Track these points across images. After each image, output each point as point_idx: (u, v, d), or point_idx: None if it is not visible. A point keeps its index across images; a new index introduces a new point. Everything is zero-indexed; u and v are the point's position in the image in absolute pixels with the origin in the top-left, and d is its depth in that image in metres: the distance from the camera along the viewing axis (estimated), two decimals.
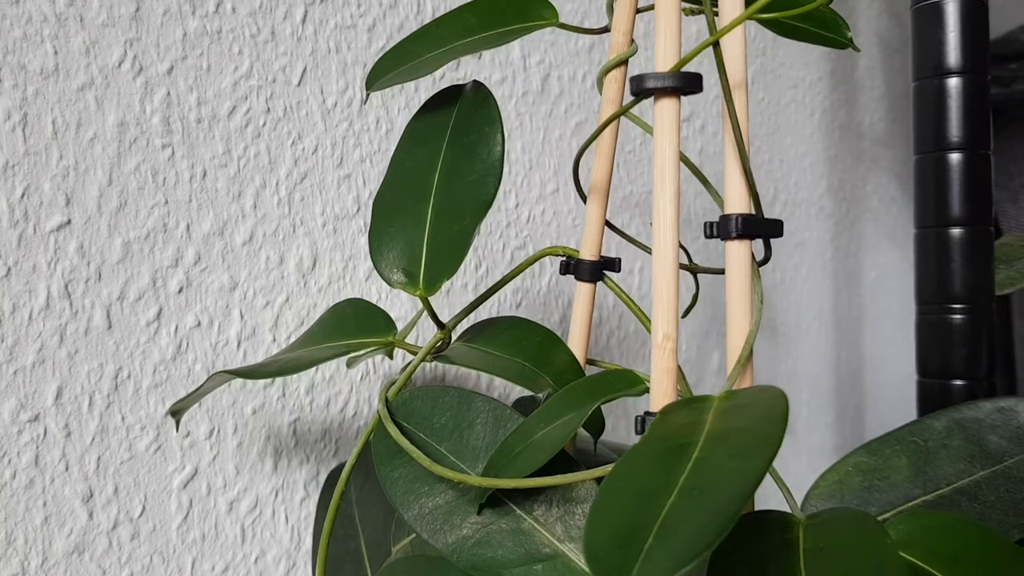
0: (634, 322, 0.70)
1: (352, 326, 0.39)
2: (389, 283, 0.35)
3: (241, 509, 0.47)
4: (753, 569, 0.28)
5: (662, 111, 0.31)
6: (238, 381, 0.47)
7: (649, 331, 0.32)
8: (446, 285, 0.57)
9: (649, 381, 0.31)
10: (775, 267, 0.88)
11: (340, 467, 0.48)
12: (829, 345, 0.96)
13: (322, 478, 0.50)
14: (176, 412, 0.39)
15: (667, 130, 0.31)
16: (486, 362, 0.37)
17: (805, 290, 0.92)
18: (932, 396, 0.47)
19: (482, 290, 0.58)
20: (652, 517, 0.23)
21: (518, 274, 0.38)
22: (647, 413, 0.31)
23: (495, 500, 0.32)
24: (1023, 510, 0.40)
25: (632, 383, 0.30)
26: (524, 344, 0.38)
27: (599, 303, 0.68)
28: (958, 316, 0.45)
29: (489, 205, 0.34)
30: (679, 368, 0.30)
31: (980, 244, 0.45)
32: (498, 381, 0.58)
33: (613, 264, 0.38)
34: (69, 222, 0.41)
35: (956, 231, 0.45)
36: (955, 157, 0.46)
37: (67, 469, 0.41)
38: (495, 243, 0.60)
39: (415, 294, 0.34)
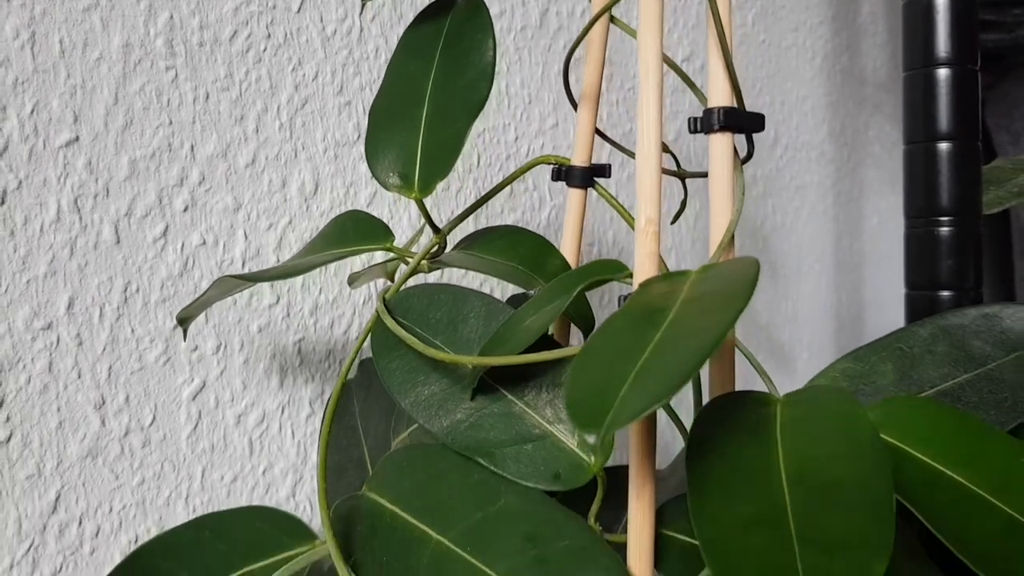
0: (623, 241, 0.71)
1: (352, 235, 0.40)
2: (385, 186, 0.36)
3: (249, 423, 0.48)
4: (730, 439, 0.30)
5: (646, 6, 0.31)
6: (243, 298, 0.48)
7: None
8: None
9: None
10: (775, 209, 0.89)
11: (347, 384, 0.50)
12: (830, 289, 0.97)
13: (327, 396, 0.52)
14: (183, 320, 0.40)
15: (650, 27, 0.31)
16: (481, 265, 0.39)
17: (806, 233, 0.93)
18: (919, 308, 0.48)
19: (483, 225, 0.59)
20: (627, 370, 0.24)
21: (512, 181, 0.39)
22: (629, 294, 0.32)
23: (487, 386, 0.34)
24: (1005, 410, 0.41)
25: (617, 269, 0.32)
26: (519, 250, 0.39)
27: (590, 231, 0.69)
28: (945, 229, 0.46)
29: (481, 107, 0.35)
30: (661, 257, 0.32)
31: (967, 158, 0.46)
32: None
33: (603, 170, 0.39)
34: (77, 139, 0.42)
35: (943, 145, 0.46)
36: (942, 73, 0.47)
37: (80, 377, 0.42)
38: (495, 176, 0.61)
39: (411, 196, 0.36)
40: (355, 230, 0.41)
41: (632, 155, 0.35)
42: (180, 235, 0.46)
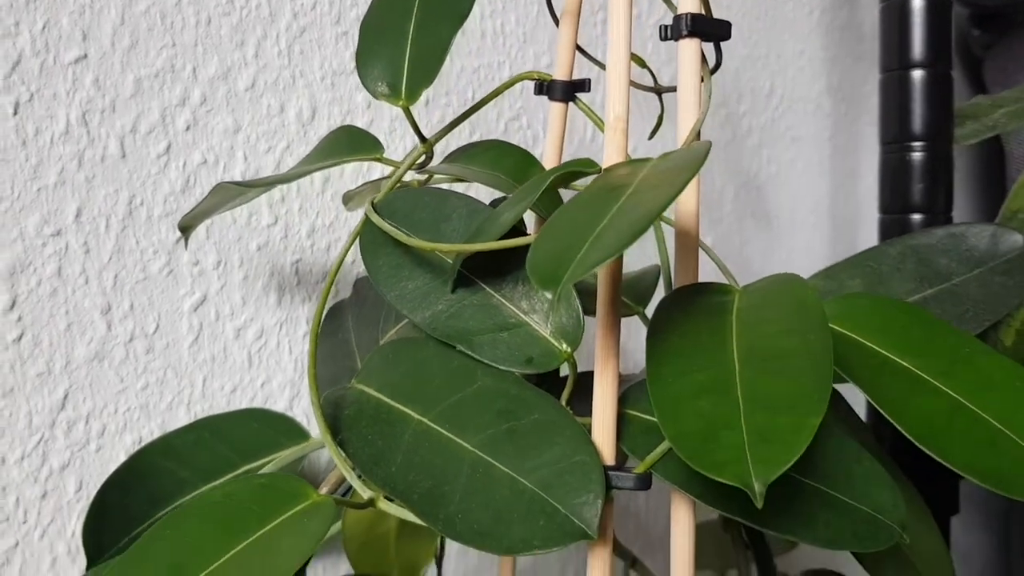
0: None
1: (345, 147, 0.42)
2: (374, 95, 0.38)
3: (248, 336, 0.51)
4: (689, 320, 0.32)
5: None
6: (243, 217, 0.50)
7: None
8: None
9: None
10: (770, 160, 0.90)
11: (341, 301, 0.52)
12: (824, 242, 0.99)
13: (324, 316, 0.54)
14: (185, 229, 0.42)
15: None
16: (466, 174, 0.41)
17: (801, 185, 0.94)
18: (892, 231, 0.50)
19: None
20: (584, 236, 0.26)
21: (497, 95, 0.41)
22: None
23: (467, 280, 0.36)
24: (966, 321, 0.43)
25: (587, 164, 0.34)
26: (503, 162, 0.41)
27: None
28: (917, 154, 0.48)
29: (464, 17, 0.37)
30: (628, 154, 0.33)
31: (939, 85, 0.48)
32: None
33: (583, 84, 0.41)
34: (85, 56, 0.44)
35: (917, 73, 0.47)
36: (917, 2, 0.48)
37: (87, 283, 0.45)
38: (490, 112, 0.63)
39: (398, 104, 0.38)
40: (348, 142, 0.43)
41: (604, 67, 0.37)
42: (182, 153, 0.48)
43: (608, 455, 0.32)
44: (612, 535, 0.32)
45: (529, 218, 0.41)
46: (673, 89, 0.41)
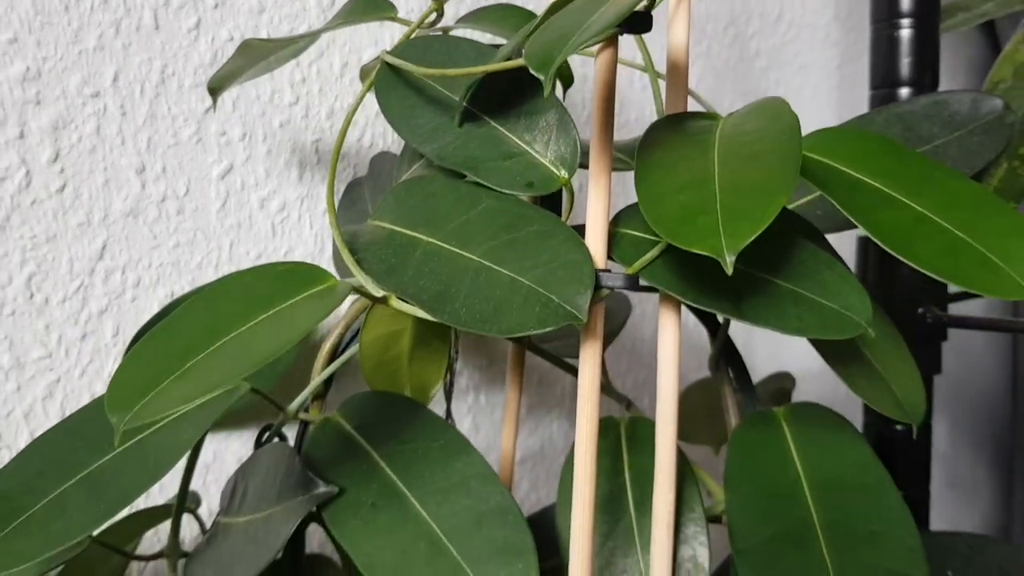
0: None
1: (360, 10, 0.45)
2: None
3: (271, 207, 0.54)
4: (675, 139, 0.34)
5: None
6: (265, 94, 0.53)
7: None
8: None
9: None
10: (778, 82, 0.92)
11: (359, 178, 0.55)
12: None
13: (340, 194, 0.57)
14: (214, 90, 0.45)
15: None
16: (473, 31, 0.44)
17: (810, 112, 0.97)
18: (881, 105, 0.52)
19: None
20: (574, 30, 0.29)
21: None
22: None
23: (473, 116, 0.39)
24: None
25: None
26: (510, 20, 0.44)
27: None
28: (906, 30, 0.50)
29: None
30: None
31: None
32: None
33: None
34: None
35: None
36: None
37: (123, 143, 0.48)
38: None
39: None
40: (363, 6, 0.46)
41: None
42: (211, 29, 0.51)
43: (600, 260, 0.35)
44: (602, 333, 0.35)
45: None
46: None
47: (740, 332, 0.83)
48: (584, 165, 0.38)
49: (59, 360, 0.47)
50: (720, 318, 0.44)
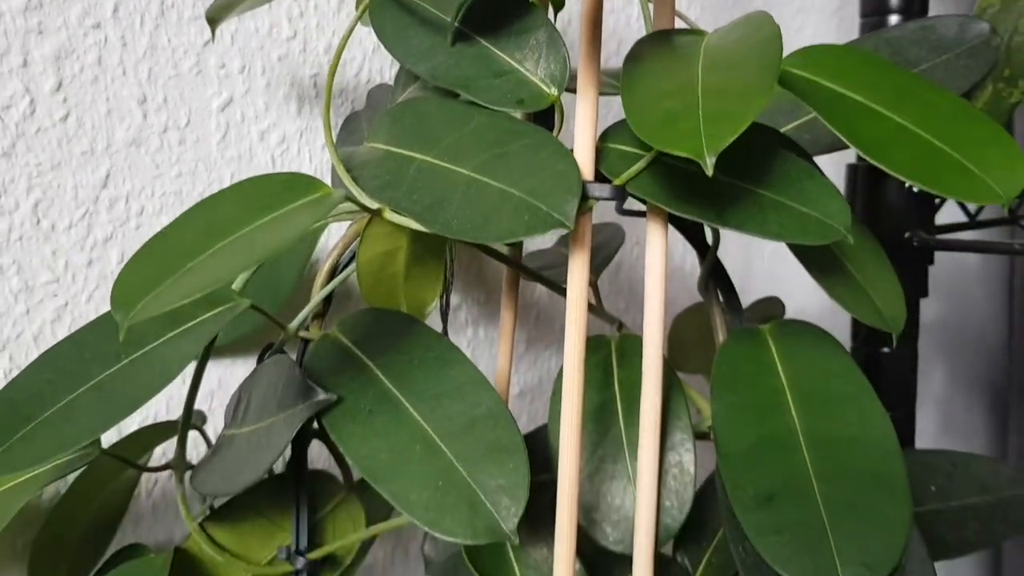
0: None
1: None
2: None
3: (271, 140, 0.55)
4: (660, 52, 0.35)
5: None
6: (264, 28, 0.54)
7: None
8: None
9: None
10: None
11: (356, 111, 0.56)
12: None
13: (338, 127, 0.58)
14: (212, 19, 0.46)
15: None
16: None
17: None
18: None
19: None
20: None
21: None
22: None
23: (465, 36, 0.40)
24: None
25: None
26: None
27: None
28: None
29: None
30: None
31: None
32: None
33: None
34: None
35: None
36: None
37: (124, 74, 0.49)
38: None
39: None
40: None
41: None
42: None
43: (587, 173, 0.36)
44: (590, 243, 0.37)
45: None
46: None
47: (737, 280, 0.84)
48: (573, 89, 0.39)
49: (66, 285, 0.48)
50: (709, 238, 0.46)
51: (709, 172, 0.30)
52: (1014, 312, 1.12)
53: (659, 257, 0.38)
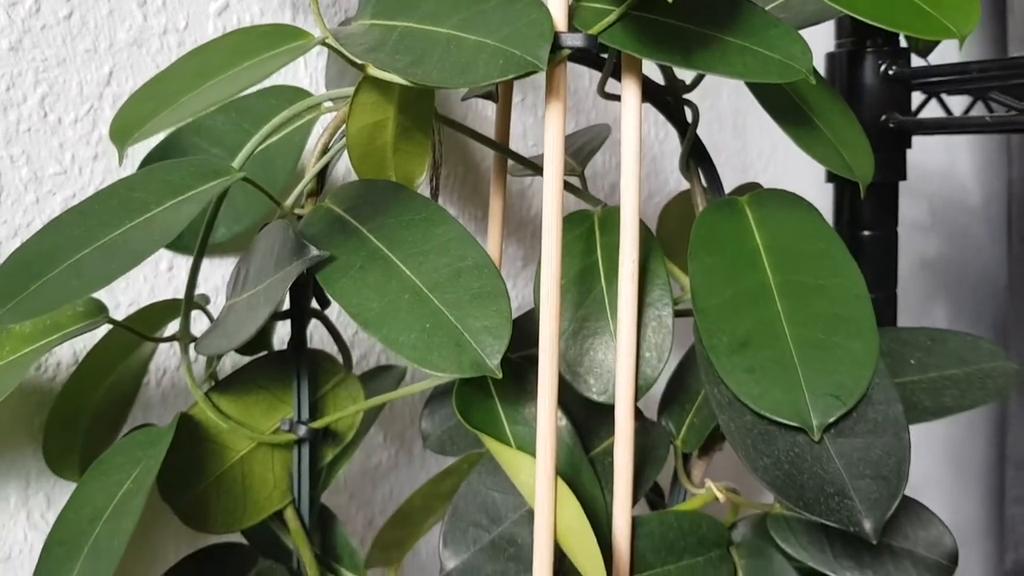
0: None
1: None
2: None
3: None
4: None
5: None
6: None
7: None
8: None
9: None
10: None
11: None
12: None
13: None
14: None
15: None
16: None
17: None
18: None
19: None
20: None
21: None
22: None
23: None
24: None
25: None
26: None
27: None
28: None
29: None
30: None
31: None
32: None
33: None
34: None
35: None
36: None
37: None
38: None
39: None
40: None
41: None
42: None
43: (561, 25, 0.38)
44: (565, 97, 0.38)
45: None
46: None
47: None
48: None
49: (73, 177, 0.50)
50: (688, 117, 0.47)
51: None
52: (1012, 247, 1.13)
53: (634, 112, 0.39)
